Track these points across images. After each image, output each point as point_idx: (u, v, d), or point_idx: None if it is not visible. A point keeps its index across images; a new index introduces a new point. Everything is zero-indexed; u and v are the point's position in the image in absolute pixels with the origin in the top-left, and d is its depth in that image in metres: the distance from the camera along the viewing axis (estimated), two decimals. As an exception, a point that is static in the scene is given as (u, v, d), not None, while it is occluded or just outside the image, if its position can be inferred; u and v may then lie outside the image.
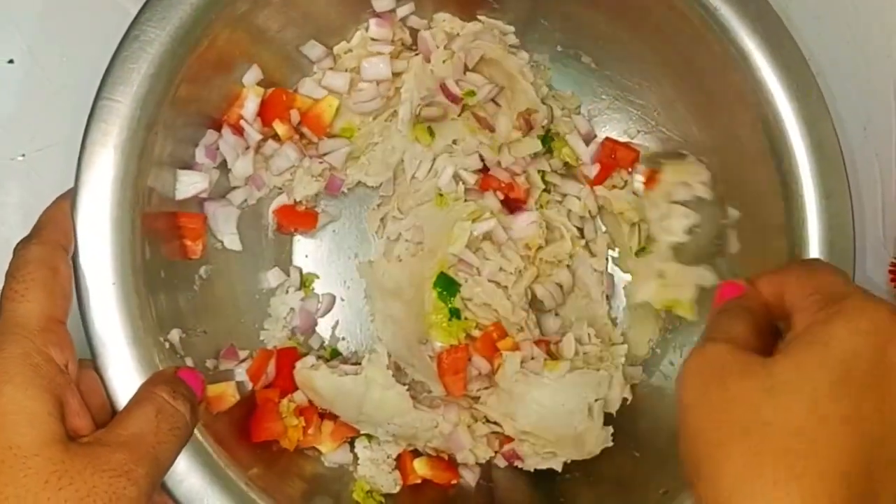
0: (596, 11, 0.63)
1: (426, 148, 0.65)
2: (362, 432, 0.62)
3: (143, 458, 0.45)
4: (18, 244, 0.48)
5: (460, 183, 0.65)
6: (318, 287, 0.67)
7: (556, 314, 0.67)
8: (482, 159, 0.65)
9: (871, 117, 0.65)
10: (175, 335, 0.55)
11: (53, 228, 0.49)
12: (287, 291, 0.66)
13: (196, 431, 0.51)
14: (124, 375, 0.50)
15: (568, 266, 0.66)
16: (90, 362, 0.50)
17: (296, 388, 0.62)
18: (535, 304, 0.66)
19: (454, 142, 0.65)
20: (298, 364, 0.61)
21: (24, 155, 0.63)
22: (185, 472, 0.51)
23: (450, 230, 0.64)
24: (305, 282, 0.67)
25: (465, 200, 0.64)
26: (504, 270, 0.63)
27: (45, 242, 0.48)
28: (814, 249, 0.57)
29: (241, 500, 0.52)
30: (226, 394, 0.57)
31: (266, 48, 0.61)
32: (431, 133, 0.64)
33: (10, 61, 0.63)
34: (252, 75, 0.60)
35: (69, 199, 0.51)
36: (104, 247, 0.51)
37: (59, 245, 0.49)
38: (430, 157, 0.65)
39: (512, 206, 0.65)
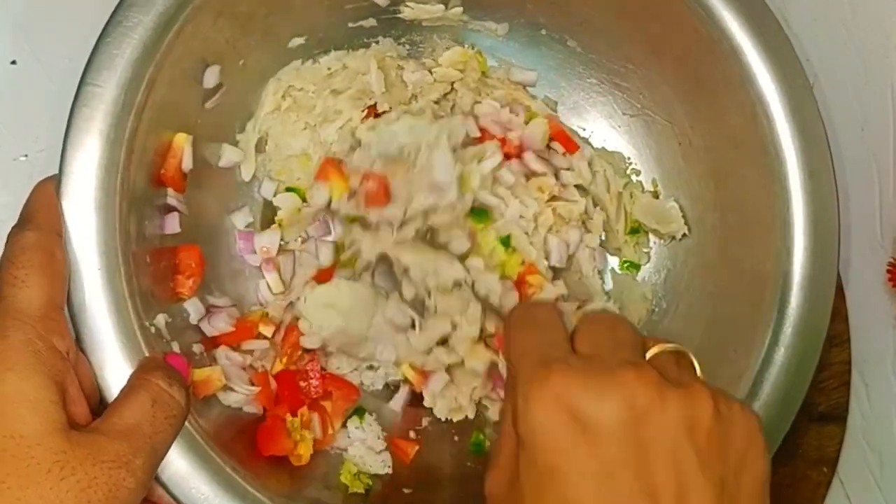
0: None
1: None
2: (362, 359, 0.64)
3: (141, 449, 0.45)
4: (12, 230, 0.48)
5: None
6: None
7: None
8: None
9: (868, 118, 0.65)
10: (161, 320, 0.55)
11: (46, 214, 0.49)
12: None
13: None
14: (110, 360, 0.50)
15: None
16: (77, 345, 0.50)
17: (303, 404, 0.62)
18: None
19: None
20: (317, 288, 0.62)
21: (26, 155, 0.63)
22: (172, 456, 0.51)
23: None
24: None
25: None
26: (524, 217, 0.64)
27: (40, 228, 0.48)
28: (798, 228, 0.57)
29: (229, 483, 0.52)
30: (211, 378, 0.57)
31: (250, 39, 0.61)
32: None
33: (13, 62, 0.63)
34: (211, 76, 0.59)
35: (53, 183, 0.51)
36: (89, 232, 0.51)
37: (54, 230, 0.49)
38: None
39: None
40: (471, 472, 0.64)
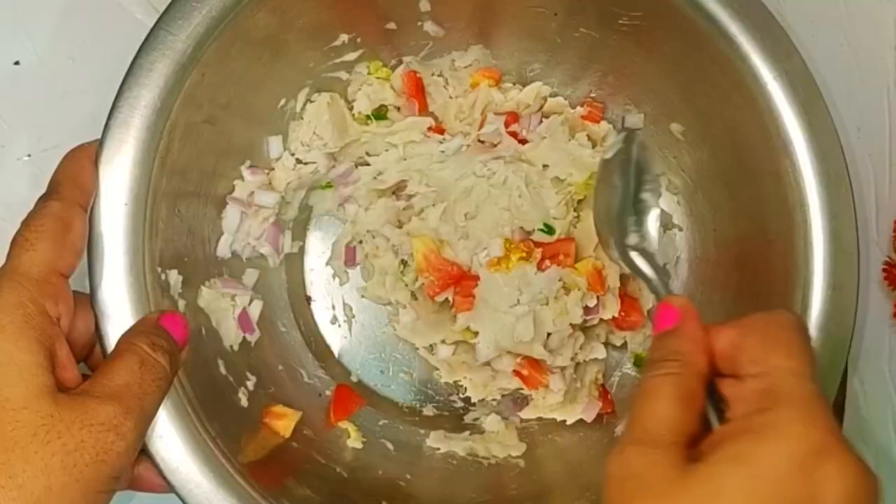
0: (616, 36, 0.64)
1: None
2: None
3: (132, 410, 0.46)
4: (40, 199, 0.50)
5: None
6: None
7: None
8: None
9: (864, 119, 0.65)
10: (174, 275, 0.56)
11: (72, 186, 0.50)
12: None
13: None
14: (115, 298, 0.51)
15: None
16: (86, 298, 0.51)
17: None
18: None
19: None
20: None
21: (30, 155, 0.64)
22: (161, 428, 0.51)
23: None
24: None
25: None
26: None
27: (64, 199, 0.49)
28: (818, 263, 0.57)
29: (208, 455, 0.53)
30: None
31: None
32: None
33: (17, 63, 0.64)
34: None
35: (88, 155, 0.52)
36: (125, 165, 0.52)
37: (77, 203, 0.50)
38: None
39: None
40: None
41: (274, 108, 0.64)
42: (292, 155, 0.65)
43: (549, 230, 0.66)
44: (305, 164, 0.65)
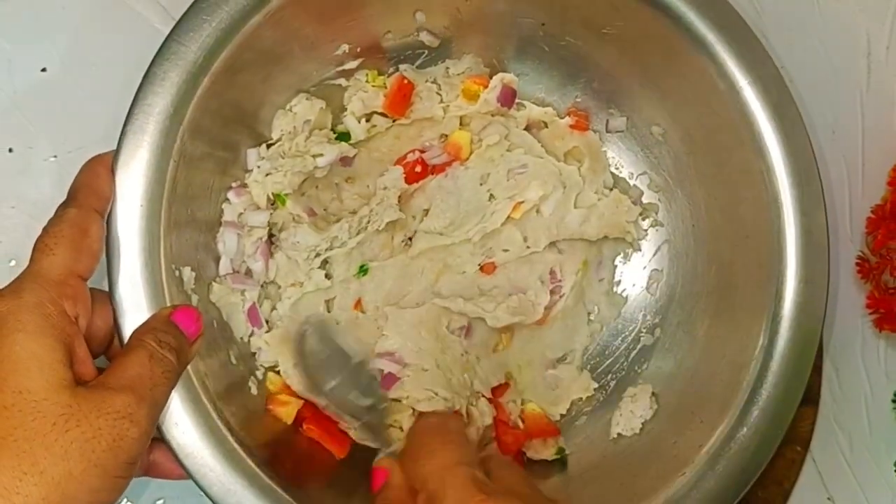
0: (601, 44, 0.66)
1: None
2: None
3: (144, 400, 0.48)
4: (59, 206, 0.52)
5: None
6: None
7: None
8: None
9: (838, 121, 0.70)
10: (187, 272, 0.58)
11: (88, 193, 0.53)
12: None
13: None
14: (132, 294, 0.54)
15: None
16: (106, 294, 0.54)
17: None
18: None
19: None
20: None
21: (55, 157, 0.67)
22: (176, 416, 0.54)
23: None
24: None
25: None
26: None
27: (81, 206, 0.52)
28: (785, 326, 0.60)
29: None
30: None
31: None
32: None
33: (44, 70, 0.67)
34: None
35: (104, 164, 0.54)
36: (140, 169, 0.54)
37: (93, 209, 0.52)
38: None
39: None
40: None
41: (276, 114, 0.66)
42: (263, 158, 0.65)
43: None
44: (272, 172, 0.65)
